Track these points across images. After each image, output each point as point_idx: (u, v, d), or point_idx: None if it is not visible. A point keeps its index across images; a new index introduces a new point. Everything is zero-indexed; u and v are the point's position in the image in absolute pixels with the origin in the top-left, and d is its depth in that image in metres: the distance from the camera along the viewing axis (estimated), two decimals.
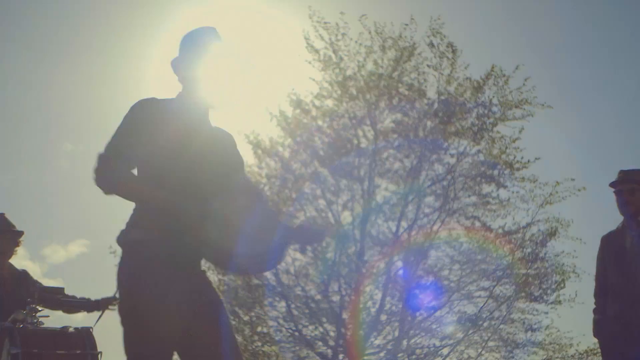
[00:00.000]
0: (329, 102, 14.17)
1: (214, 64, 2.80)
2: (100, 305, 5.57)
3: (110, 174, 2.61)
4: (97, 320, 5.38)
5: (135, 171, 2.70)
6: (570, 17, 22.94)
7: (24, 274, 5.70)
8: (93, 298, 5.65)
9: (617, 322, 4.73)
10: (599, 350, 5.13)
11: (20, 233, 5.71)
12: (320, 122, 14.20)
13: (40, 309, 5.14)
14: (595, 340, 5.18)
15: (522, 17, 22.53)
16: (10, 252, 5.65)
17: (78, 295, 5.69)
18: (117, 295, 5.04)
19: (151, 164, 2.66)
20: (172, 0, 22.19)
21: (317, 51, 14.06)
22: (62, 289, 5.45)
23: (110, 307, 5.53)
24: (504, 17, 22.48)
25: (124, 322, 2.62)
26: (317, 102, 14.19)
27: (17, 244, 5.68)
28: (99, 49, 22.69)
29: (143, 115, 2.68)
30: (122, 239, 2.70)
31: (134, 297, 2.59)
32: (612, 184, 4.90)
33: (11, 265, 5.70)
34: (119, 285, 2.67)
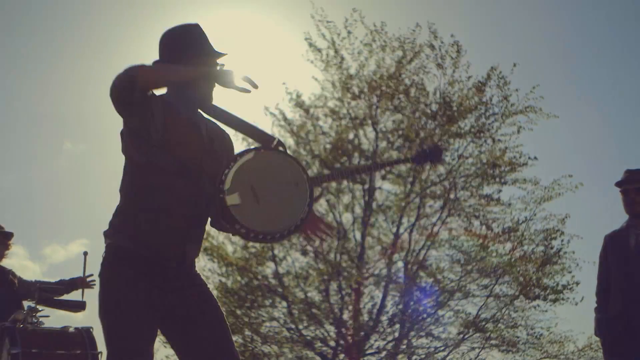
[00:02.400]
0: (332, 103, 14.19)
1: (204, 59, 2.73)
2: (76, 283, 5.60)
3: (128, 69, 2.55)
4: (82, 294, 5.58)
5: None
6: (571, 16, 22.94)
7: (12, 274, 5.64)
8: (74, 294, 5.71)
9: (619, 321, 4.72)
10: (599, 346, 5.12)
11: (9, 235, 5.61)
12: (322, 123, 14.22)
13: (40, 308, 5.10)
14: (593, 336, 5.16)
15: (522, 16, 22.54)
16: (1, 255, 5.57)
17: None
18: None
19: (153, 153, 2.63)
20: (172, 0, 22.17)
21: (319, 50, 14.07)
22: (62, 288, 5.41)
23: (88, 281, 5.57)
24: (505, 17, 22.47)
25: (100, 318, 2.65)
26: (319, 103, 14.21)
27: (7, 247, 5.58)
28: (98, 47, 22.69)
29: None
30: (107, 240, 2.69)
31: (104, 295, 2.61)
32: (618, 183, 4.88)
33: (2, 268, 5.65)
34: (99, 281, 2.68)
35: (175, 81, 2.64)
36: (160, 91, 2.71)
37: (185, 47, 2.71)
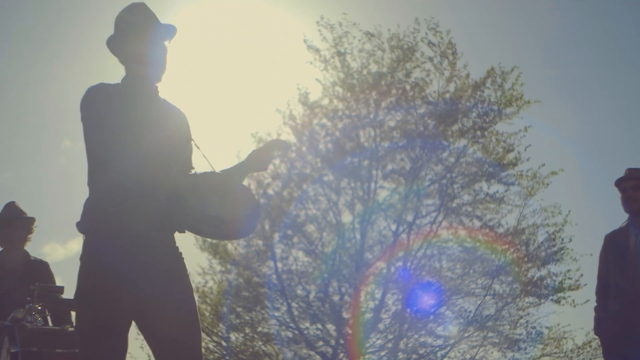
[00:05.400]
0: (335, 102, 14.19)
1: (155, 38, 2.77)
2: None
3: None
4: None
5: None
6: (571, 15, 22.92)
7: (40, 266, 5.44)
8: None
9: (617, 320, 4.72)
10: (598, 344, 5.10)
11: (31, 220, 5.52)
12: (325, 121, 14.21)
13: (39, 307, 5.04)
14: (592, 334, 5.14)
15: (522, 15, 22.52)
16: (22, 241, 5.41)
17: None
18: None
19: (108, 145, 2.65)
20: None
21: (317, 51, 14.09)
22: (62, 287, 5.30)
23: None
24: (504, 16, 22.45)
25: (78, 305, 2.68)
26: (323, 102, 14.21)
27: (29, 231, 5.44)
28: (97, 45, 22.65)
29: (100, 101, 2.70)
30: (79, 227, 2.75)
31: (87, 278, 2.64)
32: (617, 182, 4.88)
33: (26, 255, 5.46)
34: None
35: None
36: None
37: (135, 30, 2.77)
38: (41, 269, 5.42)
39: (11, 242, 5.36)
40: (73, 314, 5.40)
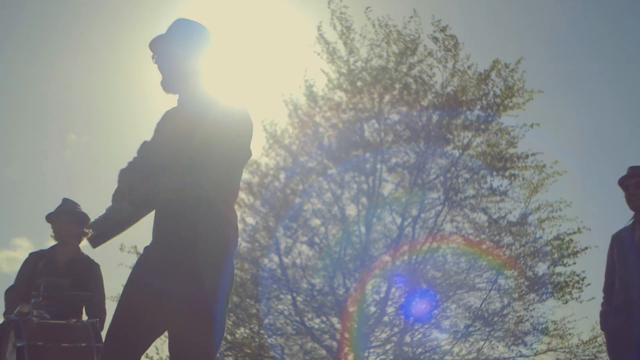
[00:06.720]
0: (339, 94, 14.15)
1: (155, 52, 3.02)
2: None
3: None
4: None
5: None
6: (573, 10, 22.83)
7: (85, 265, 5.37)
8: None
9: (621, 313, 4.74)
10: (603, 340, 5.13)
11: (80, 214, 5.32)
12: (329, 114, 14.17)
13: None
14: (597, 330, 5.16)
15: (524, 9, 22.44)
16: (71, 236, 5.34)
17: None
18: None
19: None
20: None
21: (327, 43, 14.03)
22: (67, 281, 5.29)
23: None
24: (507, 10, 22.38)
25: None
26: (328, 93, 14.15)
27: (81, 227, 5.30)
28: (102, 41, 22.71)
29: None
30: None
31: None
32: (620, 180, 4.89)
33: (77, 253, 5.40)
34: None
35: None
36: None
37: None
38: (85, 268, 5.35)
39: (61, 237, 5.34)
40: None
